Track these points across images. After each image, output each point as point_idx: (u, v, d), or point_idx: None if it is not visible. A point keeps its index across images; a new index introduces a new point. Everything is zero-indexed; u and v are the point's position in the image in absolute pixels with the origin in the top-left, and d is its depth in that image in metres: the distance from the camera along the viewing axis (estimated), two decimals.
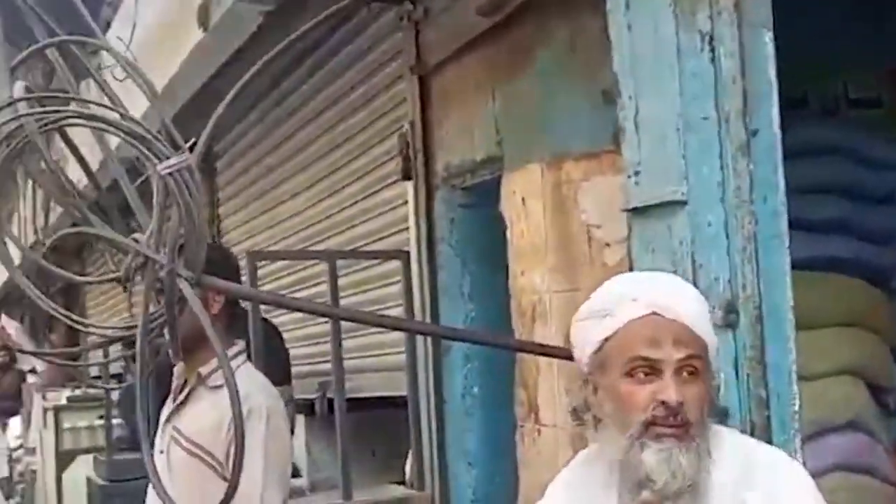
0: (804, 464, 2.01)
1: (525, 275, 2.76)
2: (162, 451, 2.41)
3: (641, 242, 2.14)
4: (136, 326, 2.07)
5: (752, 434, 1.99)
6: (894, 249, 2.98)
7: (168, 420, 2.45)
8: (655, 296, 1.50)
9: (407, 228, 3.53)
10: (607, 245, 2.49)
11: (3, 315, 11.26)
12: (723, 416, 1.80)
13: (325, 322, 3.75)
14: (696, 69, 1.98)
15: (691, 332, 1.50)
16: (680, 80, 1.98)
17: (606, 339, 1.47)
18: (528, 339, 2.69)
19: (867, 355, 3.04)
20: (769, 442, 2.00)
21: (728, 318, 1.98)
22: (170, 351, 2.24)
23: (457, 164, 3.19)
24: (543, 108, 2.64)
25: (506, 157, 2.85)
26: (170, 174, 1.94)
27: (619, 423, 1.44)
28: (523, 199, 2.71)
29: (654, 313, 1.47)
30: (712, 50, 1.97)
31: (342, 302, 3.63)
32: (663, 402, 1.42)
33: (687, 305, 1.53)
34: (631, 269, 2.19)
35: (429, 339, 3.40)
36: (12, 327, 11.25)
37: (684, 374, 1.46)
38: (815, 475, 2.84)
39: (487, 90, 2.91)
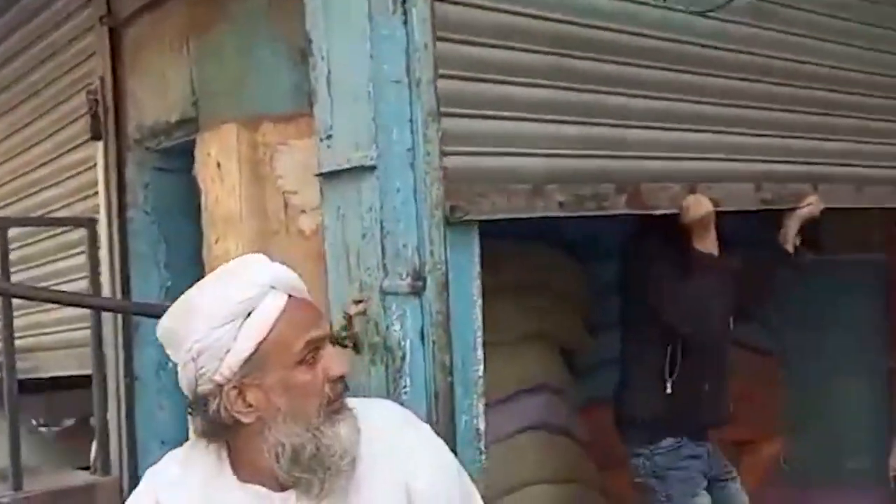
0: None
1: (219, 243, 2.61)
2: None
3: (332, 208, 2.08)
4: None
5: (435, 400, 2.01)
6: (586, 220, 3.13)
7: None
8: (283, 278, 1.44)
9: (96, 193, 3.25)
10: (303, 212, 2.41)
11: None
12: None
13: None
14: (389, 32, 1.94)
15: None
16: (371, 43, 1.93)
17: (263, 339, 1.37)
18: None
19: (559, 320, 3.20)
20: (453, 408, 2.03)
21: (415, 286, 1.97)
22: None
23: (150, 125, 2.98)
24: (240, 65, 2.51)
25: (201, 118, 2.69)
26: None
27: (299, 413, 1.38)
28: (218, 163, 2.56)
29: (291, 296, 1.42)
30: (405, 13, 1.94)
31: (19, 277, 3.29)
32: (340, 377, 1.41)
33: (301, 282, 1.48)
34: (324, 237, 2.13)
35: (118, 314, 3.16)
36: None
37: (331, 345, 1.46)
38: (509, 435, 2.99)
39: (182, 45, 2.72)
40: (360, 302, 2.05)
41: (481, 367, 2.12)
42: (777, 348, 4.00)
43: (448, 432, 1.99)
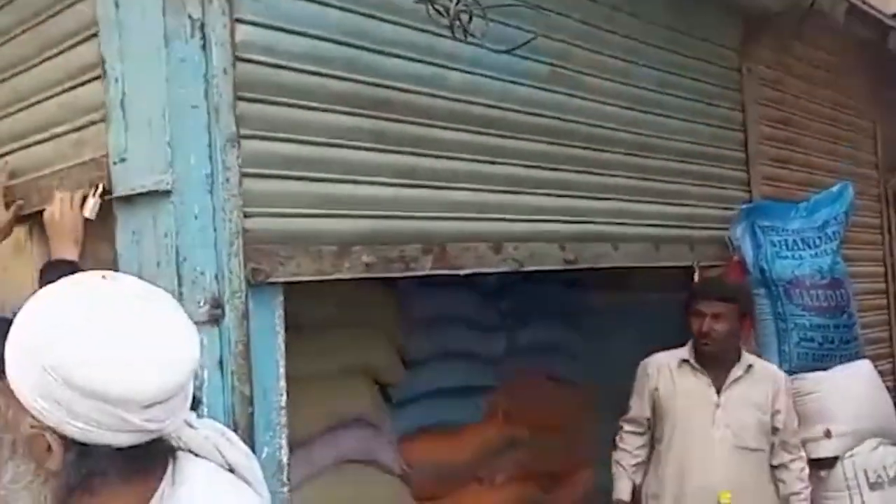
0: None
1: None
2: None
3: (126, 234, 2.01)
4: None
5: (235, 431, 1.94)
6: None
7: None
8: None
9: None
10: None
11: None
12: None
13: None
14: (186, 56, 1.90)
15: None
16: (168, 66, 1.89)
17: None
18: None
19: (376, 353, 3.19)
20: (253, 439, 1.98)
21: (214, 314, 1.93)
22: None
23: None
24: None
25: None
26: None
27: None
28: None
29: None
30: (203, 37, 1.91)
31: None
32: None
33: None
34: (116, 263, 2.05)
35: None
36: None
37: None
38: (325, 469, 2.93)
39: None
40: None
41: (283, 398, 2.07)
42: (587, 380, 4.13)
43: None
